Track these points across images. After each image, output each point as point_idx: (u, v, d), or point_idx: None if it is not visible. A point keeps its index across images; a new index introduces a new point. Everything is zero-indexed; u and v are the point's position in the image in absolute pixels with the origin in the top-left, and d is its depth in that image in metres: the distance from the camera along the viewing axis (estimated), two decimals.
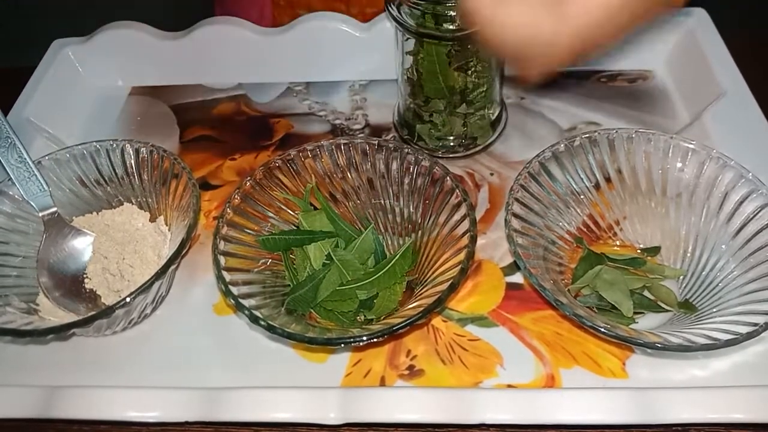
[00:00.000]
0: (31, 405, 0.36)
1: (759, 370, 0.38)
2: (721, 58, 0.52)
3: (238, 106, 0.58)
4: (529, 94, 0.56)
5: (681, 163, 0.42)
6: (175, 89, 0.60)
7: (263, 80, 0.59)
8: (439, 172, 0.42)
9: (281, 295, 0.41)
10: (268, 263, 0.42)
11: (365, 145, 0.44)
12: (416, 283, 0.42)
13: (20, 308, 0.41)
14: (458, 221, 0.40)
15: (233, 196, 0.42)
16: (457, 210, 0.40)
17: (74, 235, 0.45)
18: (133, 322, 0.42)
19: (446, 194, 0.41)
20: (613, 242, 0.45)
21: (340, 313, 0.41)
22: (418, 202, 0.43)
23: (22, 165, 0.44)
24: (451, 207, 0.41)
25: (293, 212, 0.44)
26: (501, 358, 0.40)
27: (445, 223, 0.41)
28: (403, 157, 0.43)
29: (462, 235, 0.39)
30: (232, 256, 0.40)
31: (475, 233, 0.38)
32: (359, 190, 0.45)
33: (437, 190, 0.42)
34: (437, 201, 0.42)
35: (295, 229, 0.44)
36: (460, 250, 0.38)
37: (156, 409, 0.36)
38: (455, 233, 0.40)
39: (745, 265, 0.39)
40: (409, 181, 0.43)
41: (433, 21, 0.44)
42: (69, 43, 0.59)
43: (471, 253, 0.38)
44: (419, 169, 0.43)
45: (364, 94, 0.58)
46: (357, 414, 0.35)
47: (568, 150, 0.43)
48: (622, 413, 0.34)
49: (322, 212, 0.44)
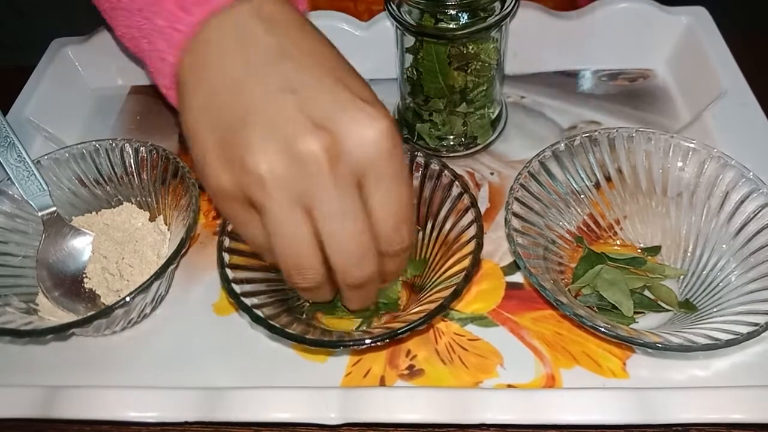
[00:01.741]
0: (30, 405, 0.36)
1: (760, 370, 0.38)
2: (722, 57, 0.52)
3: None
4: (529, 94, 0.56)
5: (682, 163, 0.42)
6: None
7: None
8: (448, 176, 0.41)
9: (283, 295, 0.41)
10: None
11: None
12: (420, 286, 0.42)
13: (19, 308, 0.41)
14: (465, 227, 0.40)
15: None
16: (464, 215, 0.40)
17: (73, 234, 0.45)
18: (132, 321, 0.42)
19: (454, 199, 0.41)
20: (613, 242, 0.44)
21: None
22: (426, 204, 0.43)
23: (22, 164, 0.44)
24: (458, 212, 0.41)
25: None
26: (501, 358, 0.40)
27: (452, 228, 0.41)
28: (413, 159, 0.43)
29: (468, 240, 0.39)
30: (236, 254, 0.40)
31: (481, 240, 0.38)
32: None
33: (445, 194, 0.42)
34: (445, 204, 0.42)
35: None
36: (466, 256, 0.38)
37: (156, 409, 0.36)
38: (461, 238, 0.40)
39: (745, 265, 0.39)
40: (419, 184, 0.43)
41: (433, 20, 0.44)
42: (68, 43, 0.59)
43: (476, 260, 0.37)
44: (429, 172, 0.42)
45: None
46: (357, 414, 0.35)
47: (568, 149, 0.43)
48: (623, 413, 0.34)
49: None
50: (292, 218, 0.31)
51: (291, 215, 0.31)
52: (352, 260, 0.33)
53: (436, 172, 0.42)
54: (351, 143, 0.30)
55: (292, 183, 0.30)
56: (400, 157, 0.32)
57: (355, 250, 0.32)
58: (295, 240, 0.32)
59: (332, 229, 0.31)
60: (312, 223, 0.31)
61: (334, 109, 0.31)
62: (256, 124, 0.31)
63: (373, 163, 0.31)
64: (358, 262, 0.33)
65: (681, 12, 0.55)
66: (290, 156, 0.30)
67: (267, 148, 0.30)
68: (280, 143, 0.30)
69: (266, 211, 0.31)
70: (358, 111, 0.31)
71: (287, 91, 0.31)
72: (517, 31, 0.52)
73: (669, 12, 0.55)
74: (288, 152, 0.30)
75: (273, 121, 0.31)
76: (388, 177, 0.32)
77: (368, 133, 0.31)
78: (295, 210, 0.31)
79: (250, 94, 0.31)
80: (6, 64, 0.63)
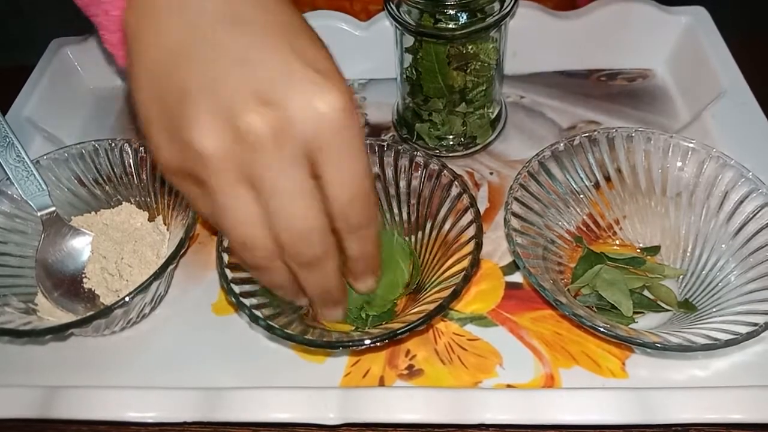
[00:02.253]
0: (29, 405, 0.36)
1: (759, 370, 0.38)
2: (722, 57, 0.52)
3: None
4: (529, 93, 0.56)
5: (681, 162, 0.42)
6: None
7: None
8: (447, 176, 0.41)
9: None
10: None
11: (375, 146, 0.44)
12: (419, 287, 0.42)
13: (18, 308, 0.41)
14: (464, 227, 0.40)
15: None
16: (463, 215, 0.40)
17: (73, 234, 0.45)
18: (131, 322, 0.42)
19: (453, 199, 0.41)
20: (612, 241, 0.44)
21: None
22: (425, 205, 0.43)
23: (21, 164, 0.44)
24: (458, 212, 0.40)
25: None
26: (500, 357, 0.40)
27: (451, 228, 0.41)
28: (412, 159, 0.43)
29: (467, 241, 0.39)
30: None
31: (480, 240, 0.38)
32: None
33: (444, 194, 0.42)
34: (444, 205, 0.42)
35: None
36: (465, 256, 0.38)
37: (154, 409, 0.36)
38: (461, 239, 0.39)
39: (745, 265, 0.39)
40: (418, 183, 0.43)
41: (432, 20, 0.44)
42: (68, 42, 0.59)
43: (476, 261, 0.37)
44: (428, 172, 0.42)
45: (363, 93, 0.58)
46: (356, 414, 0.35)
47: (567, 149, 0.43)
48: (622, 413, 0.34)
49: None
50: (236, 196, 0.30)
51: (235, 193, 0.30)
52: (299, 237, 0.31)
53: (436, 172, 0.42)
54: (298, 117, 0.29)
55: (235, 160, 0.29)
56: (354, 130, 0.30)
57: (301, 226, 0.31)
58: (241, 218, 0.30)
59: (277, 206, 0.30)
60: (259, 200, 0.30)
61: (283, 81, 0.29)
62: (201, 96, 0.29)
63: (322, 137, 0.29)
64: (306, 237, 0.31)
65: (680, 12, 0.55)
66: (234, 132, 0.28)
67: (210, 123, 0.28)
68: (224, 118, 0.28)
69: (210, 188, 0.30)
70: (308, 83, 0.29)
71: (235, 61, 0.29)
72: (516, 31, 0.52)
73: (668, 12, 0.55)
74: (231, 128, 0.28)
75: (218, 93, 0.29)
76: (340, 151, 0.30)
77: (317, 105, 0.29)
78: (240, 187, 0.30)
79: (196, 63, 0.29)
80: (5, 64, 0.63)
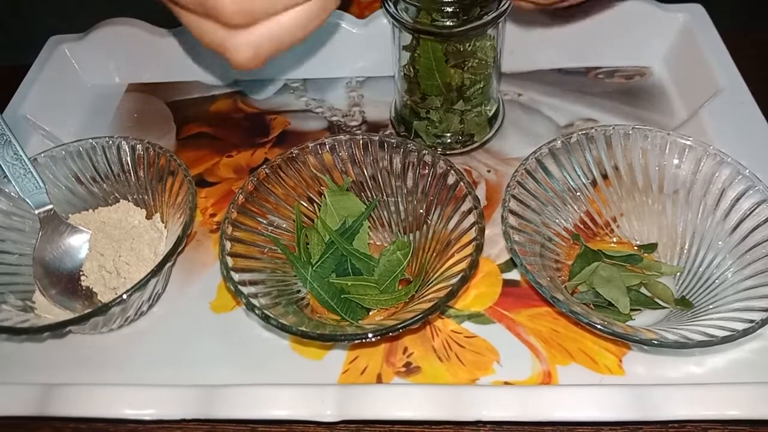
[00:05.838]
0: (27, 403, 0.36)
1: (755, 367, 0.38)
2: (719, 55, 0.52)
3: (234, 103, 0.58)
4: (526, 91, 0.56)
5: (678, 160, 0.42)
6: (172, 86, 0.60)
7: (260, 77, 0.59)
8: (454, 176, 0.41)
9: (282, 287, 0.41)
10: (270, 256, 0.42)
11: (382, 142, 0.44)
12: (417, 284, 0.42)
13: (16, 306, 0.41)
14: (466, 228, 0.40)
15: (246, 183, 0.42)
16: (466, 216, 0.40)
17: (70, 232, 0.45)
18: (129, 319, 0.42)
19: (458, 200, 0.41)
20: (609, 239, 0.45)
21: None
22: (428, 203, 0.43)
23: (18, 162, 0.44)
24: (461, 213, 0.40)
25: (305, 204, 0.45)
26: (497, 355, 0.40)
27: (454, 229, 0.41)
28: (420, 158, 0.43)
29: (469, 242, 0.39)
30: (238, 242, 0.40)
31: (481, 242, 0.38)
32: (363, 186, 0.45)
33: (449, 194, 0.42)
34: (448, 204, 0.42)
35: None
36: (465, 257, 0.38)
37: (152, 406, 0.36)
38: (462, 239, 0.39)
39: (741, 262, 0.39)
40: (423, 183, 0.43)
41: (429, 17, 0.44)
42: (65, 40, 0.59)
43: (474, 262, 0.37)
44: (433, 171, 0.42)
45: (361, 90, 0.58)
46: (353, 411, 0.35)
47: (564, 147, 0.43)
48: (619, 410, 0.34)
49: (350, 193, 0.44)
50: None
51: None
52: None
53: (442, 172, 0.42)
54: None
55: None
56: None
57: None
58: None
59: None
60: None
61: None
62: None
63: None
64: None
65: (678, 9, 0.55)
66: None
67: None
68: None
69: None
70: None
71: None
72: (513, 29, 0.52)
73: (666, 9, 0.55)
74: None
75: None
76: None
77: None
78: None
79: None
80: (2, 62, 0.63)
